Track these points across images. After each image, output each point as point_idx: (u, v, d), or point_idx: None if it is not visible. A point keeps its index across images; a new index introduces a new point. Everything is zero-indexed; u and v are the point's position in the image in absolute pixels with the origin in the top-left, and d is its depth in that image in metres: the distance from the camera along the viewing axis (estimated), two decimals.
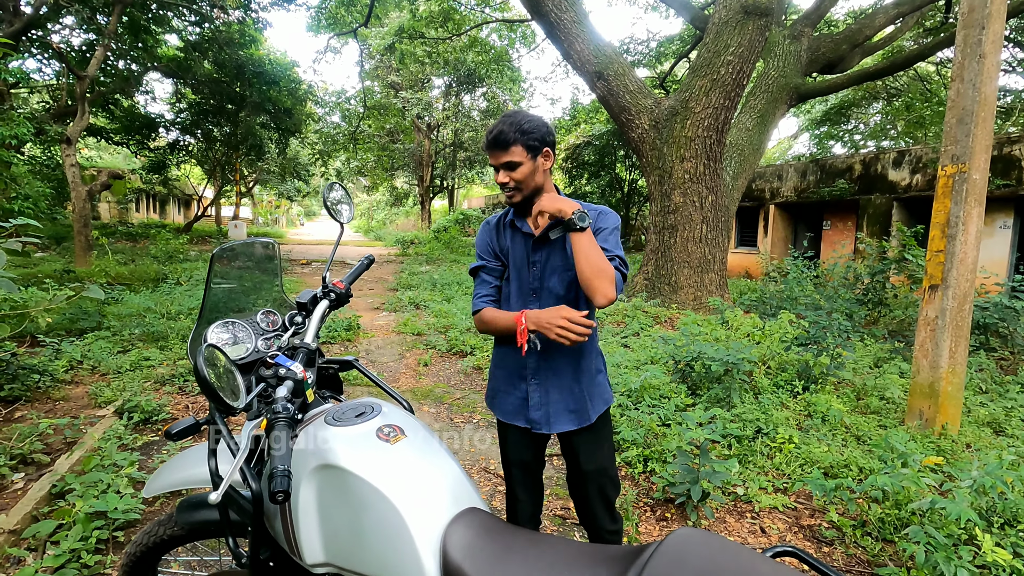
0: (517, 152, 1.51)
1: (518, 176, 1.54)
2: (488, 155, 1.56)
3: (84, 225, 9.52)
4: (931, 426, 3.39)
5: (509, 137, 1.50)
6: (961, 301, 3.31)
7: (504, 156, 1.52)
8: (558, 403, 1.64)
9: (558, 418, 1.64)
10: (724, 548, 0.84)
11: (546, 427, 1.65)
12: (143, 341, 5.27)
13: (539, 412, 1.64)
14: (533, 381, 1.64)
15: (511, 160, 1.52)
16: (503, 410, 1.73)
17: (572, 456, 1.72)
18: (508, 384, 1.70)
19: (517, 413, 1.69)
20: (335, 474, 1.10)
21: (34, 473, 2.87)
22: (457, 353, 5.63)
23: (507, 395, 1.71)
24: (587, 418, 1.65)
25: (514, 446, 1.74)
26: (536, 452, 1.74)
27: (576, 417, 1.64)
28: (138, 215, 25.09)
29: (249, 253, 1.62)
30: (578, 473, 1.72)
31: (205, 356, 0.94)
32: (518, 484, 1.76)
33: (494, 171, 1.58)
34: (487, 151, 1.55)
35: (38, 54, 13.14)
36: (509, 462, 1.77)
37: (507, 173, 1.54)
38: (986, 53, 3.12)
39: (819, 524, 2.61)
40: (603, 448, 1.70)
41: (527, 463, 1.74)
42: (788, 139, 26.86)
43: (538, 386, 1.64)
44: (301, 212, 60.65)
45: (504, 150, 1.51)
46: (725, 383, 3.87)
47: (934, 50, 10.03)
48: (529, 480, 1.76)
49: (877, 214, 10.59)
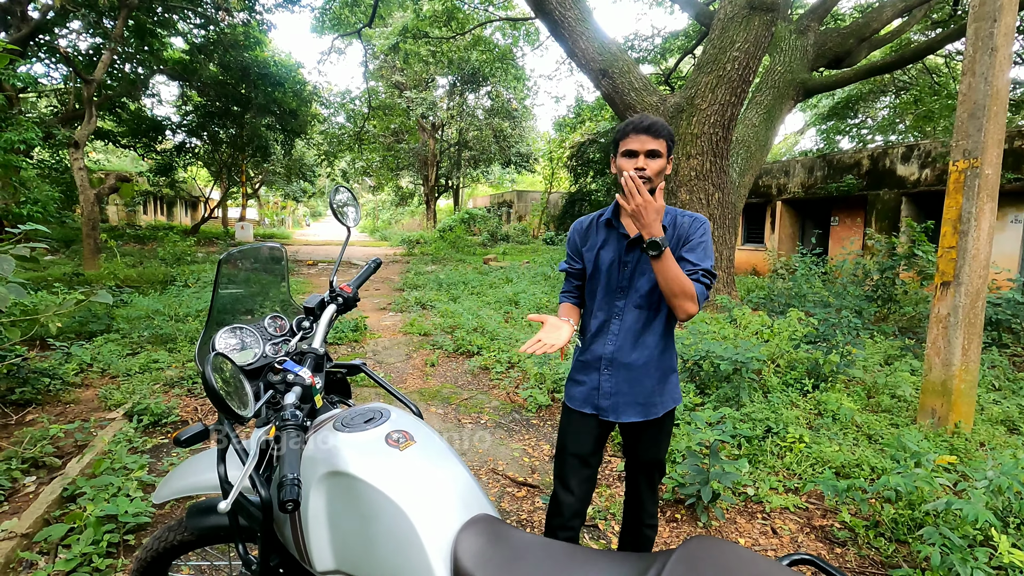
0: (663, 145, 1.58)
1: (656, 167, 1.58)
2: (627, 140, 1.59)
3: (92, 228, 9.59)
4: (943, 424, 3.35)
5: (661, 129, 1.58)
6: (974, 298, 3.27)
7: (653, 143, 1.57)
8: (627, 395, 1.70)
9: (626, 409, 1.70)
10: (739, 556, 0.82)
11: (613, 415, 1.71)
12: (152, 343, 5.29)
13: (608, 401, 1.71)
14: (606, 372, 1.71)
15: (657, 149, 1.57)
16: (572, 397, 1.78)
17: (633, 445, 1.79)
18: (583, 373, 1.76)
19: (586, 401, 1.74)
20: (345, 481, 1.09)
21: (45, 476, 2.89)
22: (464, 353, 5.62)
23: (579, 384, 1.77)
24: (655, 412, 1.71)
25: (575, 435, 1.77)
26: (596, 444, 1.77)
27: (643, 410, 1.70)
28: (146, 217, 25.25)
29: (256, 257, 1.62)
30: (635, 463, 1.81)
31: (213, 365, 0.94)
32: (572, 475, 1.76)
33: (623, 156, 1.60)
34: (633, 134, 1.58)
35: (45, 59, 13.25)
36: (566, 452, 1.78)
37: (647, 160, 1.57)
38: (998, 46, 3.08)
39: (831, 525, 2.58)
40: (662, 443, 1.79)
41: (585, 455, 1.77)
42: (794, 134, 26.69)
43: (610, 376, 1.71)
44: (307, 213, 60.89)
45: (655, 138, 1.57)
46: (734, 382, 3.85)
47: (943, 43, 9.93)
48: (583, 472, 1.77)
49: (886, 209, 10.49)
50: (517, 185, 36.18)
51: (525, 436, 3.65)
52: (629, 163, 1.58)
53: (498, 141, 25.48)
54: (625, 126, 1.61)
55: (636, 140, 1.57)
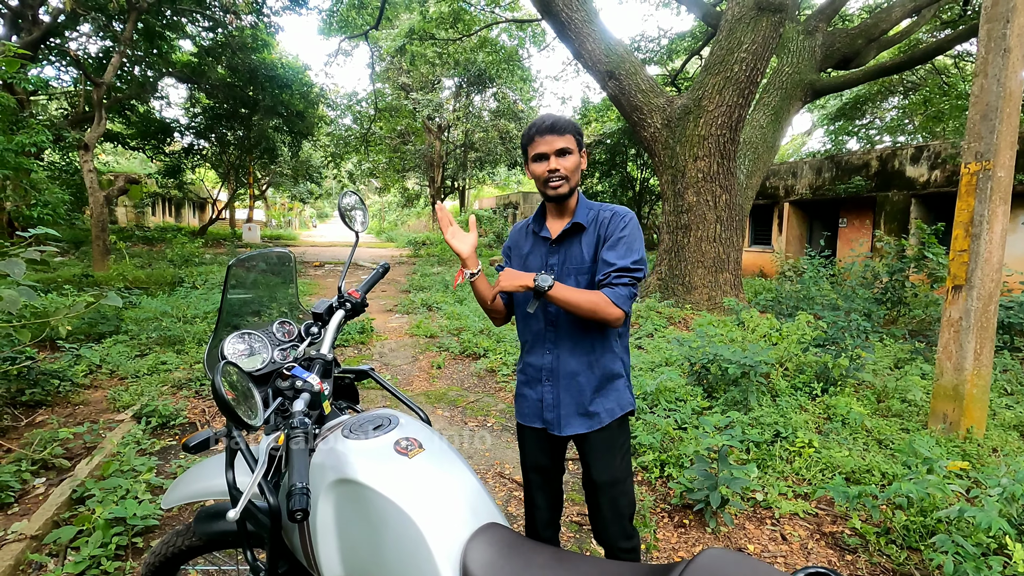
0: (570, 140, 1.55)
1: (570, 165, 1.56)
2: (534, 144, 1.57)
3: (102, 230, 9.67)
4: (955, 430, 3.31)
5: (565, 125, 1.55)
6: (986, 302, 3.23)
7: (559, 142, 1.54)
8: (569, 405, 1.63)
9: (569, 420, 1.64)
10: (755, 570, 0.81)
11: (557, 429, 1.65)
12: (160, 345, 5.32)
13: (552, 413, 1.65)
14: (547, 383, 1.66)
15: (566, 146, 1.54)
16: (521, 412, 1.75)
17: (585, 463, 1.70)
18: (527, 387, 1.72)
19: (534, 415, 1.70)
20: (353, 489, 1.08)
21: (55, 478, 2.90)
22: (470, 355, 5.62)
23: (526, 398, 1.73)
24: (599, 421, 1.63)
25: (531, 449, 1.74)
26: (553, 456, 1.74)
27: (587, 420, 1.63)
28: (154, 219, 25.43)
29: (265, 263, 1.62)
30: (590, 483, 1.68)
31: (222, 373, 0.93)
32: (536, 489, 1.76)
33: (534, 161, 1.59)
34: (537, 137, 1.55)
35: (56, 62, 13.38)
36: (527, 466, 1.77)
37: (558, 160, 1.55)
38: (1011, 47, 3.04)
39: (841, 531, 2.56)
40: (616, 458, 1.65)
41: (544, 467, 1.74)
42: (802, 135, 26.54)
43: (551, 387, 1.65)
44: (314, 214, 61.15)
45: (560, 135, 1.54)
46: (742, 386, 3.82)
47: (953, 43, 9.86)
48: (547, 486, 1.76)
49: (895, 211, 10.41)
50: (523, 186, 36.16)
51: None
52: (542, 167, 1.56)
53: (504, 142, 25.46)
54: (528, 130, 1.58)
55: (543, 142, 1.55)
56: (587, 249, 1.60)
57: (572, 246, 1.62)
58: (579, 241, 1.61)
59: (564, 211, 1.65)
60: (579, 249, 1.61)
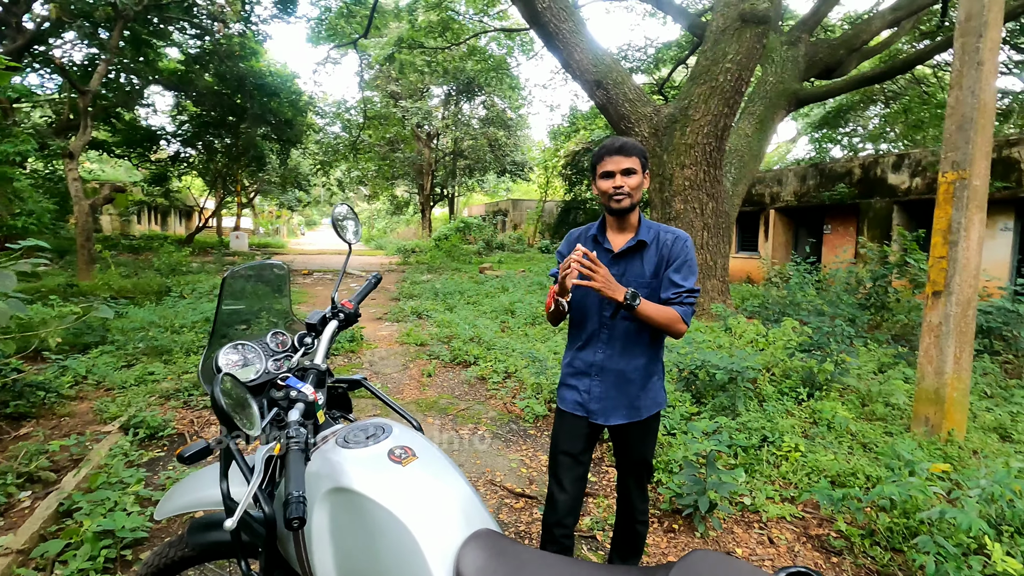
0: (635, 162, 1.72)
1: (633, 183, 1.72)
2: (603, 163, 1.73)
3: (87, 239, 9.56)
4: (937, 432, 3.38)
5: (632, 148, 1.71)
6: (965, 307, 3.31)
7: (626, 162, 1.71)
8: (615, 398, 1.83)
9: (614, 412, 1.83)
10: (739, 570, 0.84)
11: (602, 418, 1.84)
12: (147, 355, 5.27)
13: (598, 404, 1.84)
14: (596, 377, 1.84)
15: (631, 167, 1.71)
16: (565, 400, 1.91)
17: (624, 447, 1.92)
18: (574, 378, 1.89)
19: (577, 404, 1.87)
20: (348, 497, 1.10)
21: (41, 491, 2.87)
22: (460, 363, 5.63)
23: (571, 388, 1.90)
24: (639, 415, 1.84)
25: (568, 434, 1.88)
26: (586, 444, 1.89)
27: (629, 413, 1.84)
28: (140, 227, 25.18)
29: (259, 275, 1.63)
30: (626, 462, 1.96)
31: (221, 385, 0.95)
32: (564, 470, 1.87)
33: (601, 178, 1.75)
34: (606, 157, 1.72)
35: (40, 69, 13.26)
36: (559, 449, 1.89)
37: (624, 179, 1.72)
38: (984, 60, 3.14)
39: (827, 534, 2.60)
40: (648, 442, 1.92)
41: (576, 453, 1.87)
42: (786, 143, 26.93)
43: (600, 382, 1.84)
44: (302, 221, 60.78)
45: (628, 156, 1.71)
46: (730, 391, 3.87)
47: (932, 54, 10.10)
48: (574, 470, 1.88)
49: (878, 218, 10.60)
50: (512, 194, 36.31)
51: (522, 446, 3.66)
52: (608, 183, 1.73)
53: (493, 150, 25.61)
54: (600, 150, 1.75)
55: (611, 161, 1.72)
56: (648, 266, 1.78)
57: (634, 261, 1.80)
58: (640, 257, 1.79)
59: (626, 226, 1.82)
60: (640, 265, 1.79)
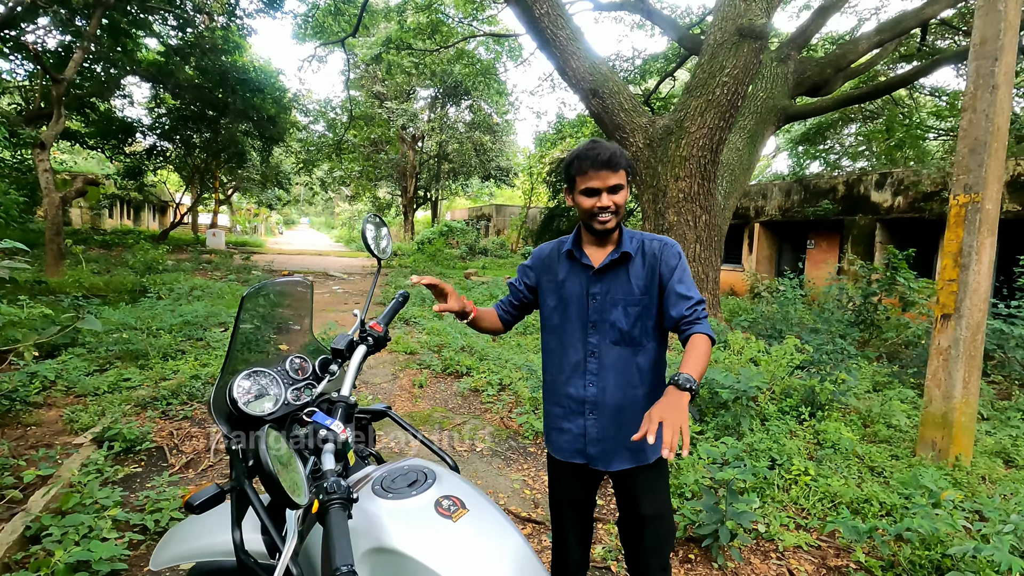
0: (623, 176, 1.48)
1: (621, 200, 1.49)
2: (586, 177, 1.46)
3: (56, 233, 9.12)
4: (944, 457, 3.34)
5: (620, 159, 1.46)
6: (974, 331, 3.29)
7: (614, 178, 1.46)
8: (616, 439, 1.55)
9: (616, 455, 1.56)
10: None
11: (603, 464, 1.57)
12: (121, 359, 4.99)
13: (596, 448, 1.57)
14: (592, 416, 1.57)
15: (620, 183, 1.48)
16: (558, 447, 1.65)
17: (629, 498, 1.62)
18: (566, 420, 1.62)
19: (574, 451, 1.61)
20: (392, 559, 0.95)
21: (4, 512, 2.63)
22: (452, 374, 5.46)
23: (565, 432, 1.62)
24: (646, 458, 1.57)
25: (567, 485, 1.67)
26: (589, 491, 1.68)
27: (634, 456, 1.56)
28: (111, 221, 24.31)
29: (280, 293, 1.47)
30: (636, 518, 1.62)
31: (267, 443, 0.79)
32: (569, 526, 1.69)
33: (583, 194, 1.49)
34: (592, 171, 1.45)
35: (10, 54, 12.69)
36: (560, 503, 1.69)
37: (611, 197, 1.48)
38: (999, 84, 3.13)
39: (847, 565, 2.52)
40: (662, 492, 1.62)
41: (580, 502, 1.68)
42: (767, 158, 27.42)
43: (596, 420, 1.56)
44: (280, 220, 59.73)
45: (615, 171, 1.46)
46: (733, 410, 3.79)
47: (916, 77, 10.33)
48: (580, 521, 1.70)
49: (861, 234, 10.76)
50: (496, 199, 36.17)
51: (524, 465, 3.52)
52: (591, 201, 1.48)
53: (478, 155, 25.48)
54: (581, 162, 1.46)
55: (596, 177, 1.45)
56: (637, 281, 1.53)
57: (618, 277, 1.55)
58: (626, 272, 1.54)
59: (606, 239, 1.57)
60: (626, 281, 1.54)
